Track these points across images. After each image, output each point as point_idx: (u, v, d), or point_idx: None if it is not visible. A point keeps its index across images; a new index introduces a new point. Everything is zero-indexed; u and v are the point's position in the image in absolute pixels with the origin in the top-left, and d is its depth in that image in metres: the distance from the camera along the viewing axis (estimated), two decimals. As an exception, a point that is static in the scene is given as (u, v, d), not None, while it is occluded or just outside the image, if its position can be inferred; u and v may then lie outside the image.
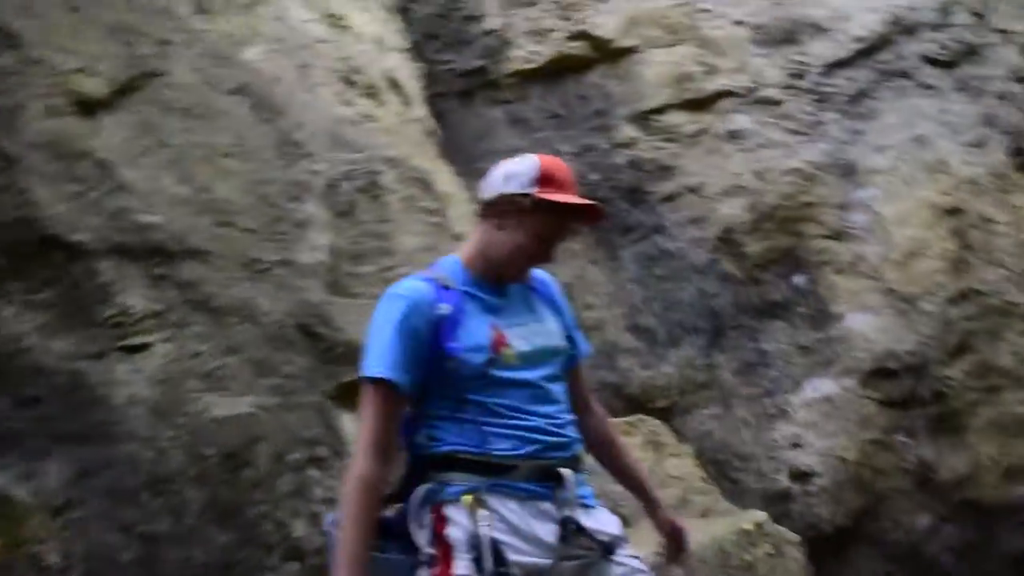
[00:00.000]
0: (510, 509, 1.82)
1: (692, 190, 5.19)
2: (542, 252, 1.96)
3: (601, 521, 1.93)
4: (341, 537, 1.76)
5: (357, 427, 1.84)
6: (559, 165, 2.01)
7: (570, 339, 2.09)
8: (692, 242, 5.13)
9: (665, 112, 5.32)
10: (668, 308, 5.11)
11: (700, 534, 4.16)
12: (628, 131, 5.31)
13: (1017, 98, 5.57)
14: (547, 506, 1.85)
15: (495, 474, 1.83)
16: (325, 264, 3.69)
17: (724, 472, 4.95)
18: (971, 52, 5.52)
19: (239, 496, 3.04)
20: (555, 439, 1.90)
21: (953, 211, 5.27)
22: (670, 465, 4.78)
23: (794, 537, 4.64)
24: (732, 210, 5.15)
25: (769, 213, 5.14)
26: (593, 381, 5.01)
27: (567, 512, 1.84)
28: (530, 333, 1.96)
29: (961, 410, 5.04)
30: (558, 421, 1.94)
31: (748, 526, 4.31)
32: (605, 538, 1.89)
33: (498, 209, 1.93)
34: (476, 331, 1.89)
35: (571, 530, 1.84)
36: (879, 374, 5.01)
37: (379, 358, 1.84)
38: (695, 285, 5.11)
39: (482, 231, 1.98)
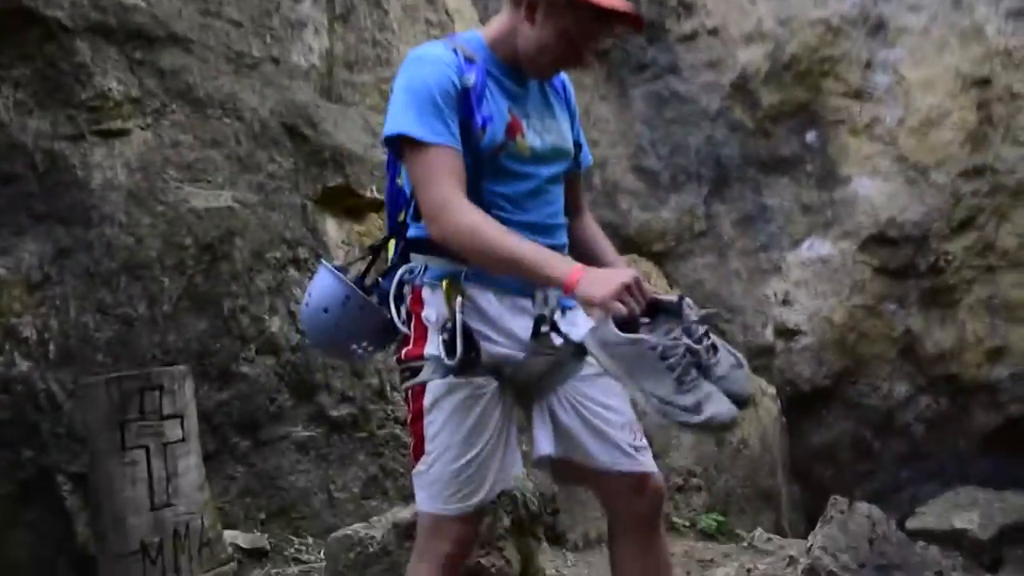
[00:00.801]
0: (487, 300, 1.80)
1: (712, 32, 4.97)
2: (571, 54, 1.83)
3: (576, 322, 1.93)
4: (517, 251, 1.67)
5: (419, 191, 1.75)
6: None
7: (576, 144, 2.04)
8: (705, 87, 4.96)
9: (695, -57, 5.03)
10: (674, 152, 5.00)
11: (679, 378, 4.25)
12: (652, -45, 5.04)
13: (1070, -33, 5.23)
14: (524, 302, 1.84)
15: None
16: (318, 68, 3.57)
17: (711, 321, 4.98)
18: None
19: (216, 288, 3.04)
20: (545, 239, 1.87)
21: (981, 82, 5.04)
22: (658, 311, 4.81)
23: (770, 390, 4.72)
24: (750, 57, 4.95)
25: (788, 64, 4.94)
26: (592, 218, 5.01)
27: (543, 310, 1.83)
28: (544, 129, 1.89)
29: (955, 286, 5.00)
30: (552, 223, 1.90)
31: (726, 374, 4.36)
32: (577, 337, 1.90)
33: (528, 1, 1.79)
34: (496, 111, 1.80)
35: (544, 328, 1.84)
36: (878, 240, 4.95)
37: (427, 122, 1.73)
38: (704, 131, 4.98)
39: (510, 18, 1.83)
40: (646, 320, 1.61)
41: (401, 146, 1.77)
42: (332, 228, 3.28)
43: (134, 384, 2.60)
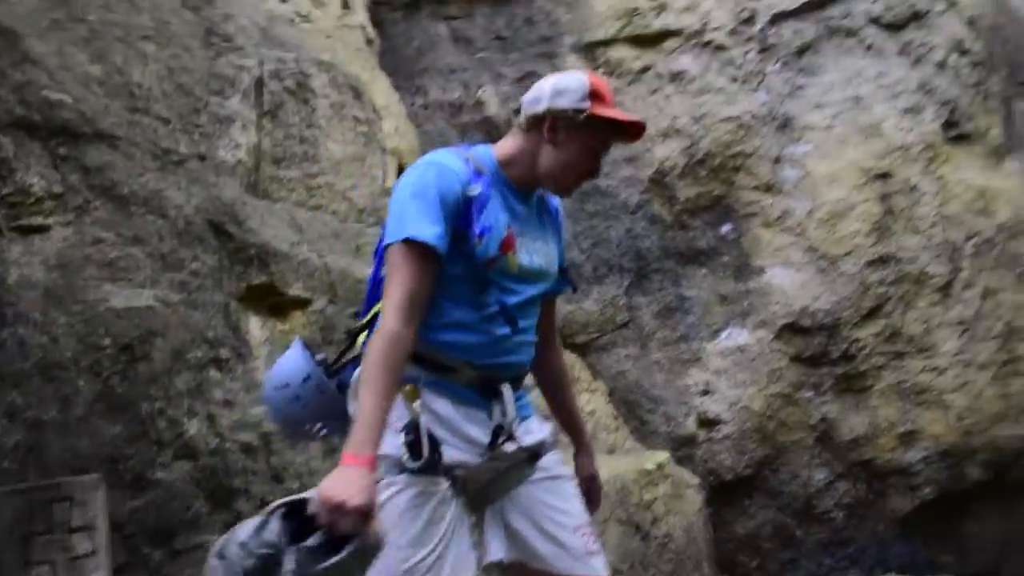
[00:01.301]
0: (444, 406, 1.83)
1: (631, 129, 5.15)
2: (591, 168, 1.95)
3: (531, 429, 1.95)
4: (362, 396, 1.70)
5: (388, 289, 1.76)
6: (604, 82, 1.99)
7: (561, 269, 2.09)
8: (625, 181, 5.10)
9: (611, 46, 5.24)
10: (596, 245, 5.10)
11: (604, 470, 4.20)
12: (572, 61, 5.22)
13: (956, 69, 5.62)
14: (480, 415, 1.85)
15: (438, 372, 1.83)
16: (245, 164, 3.55)
17: (634, 412, 5.01)
18: (916, 17, 5.52)
19: (133, 390, 2.94)
20: (510, 358, 1.90)
21: (882, 176, 5.33)
22: (583, 401, 4.81)
23: (694, 480, 4.74)
24: (667, 152, 5.13)
25: (703, 159, 5.14)
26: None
27: (501, 421, 1.84)
28: (535, 250, 1.96)
29: (866, 372, 5.17)
30: (522, 341, 1.94)
31: (651, 466, 4.38)
32: (532, 444, 1.90)
33: (550, 123, 1.89)
34: (495, 224, 1.87)
35: (500, 437, 1.85)
36: (793, 330, 5.10)
37: (418, 221, 1.78)
38: (624, 224, 5.10)
39: (527, 142, 1.94)
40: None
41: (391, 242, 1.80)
42: (255, 327, 3.22)
43: (42, 495, 2.48)
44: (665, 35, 5.27)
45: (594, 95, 1.89)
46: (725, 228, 5.17)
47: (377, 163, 4.06)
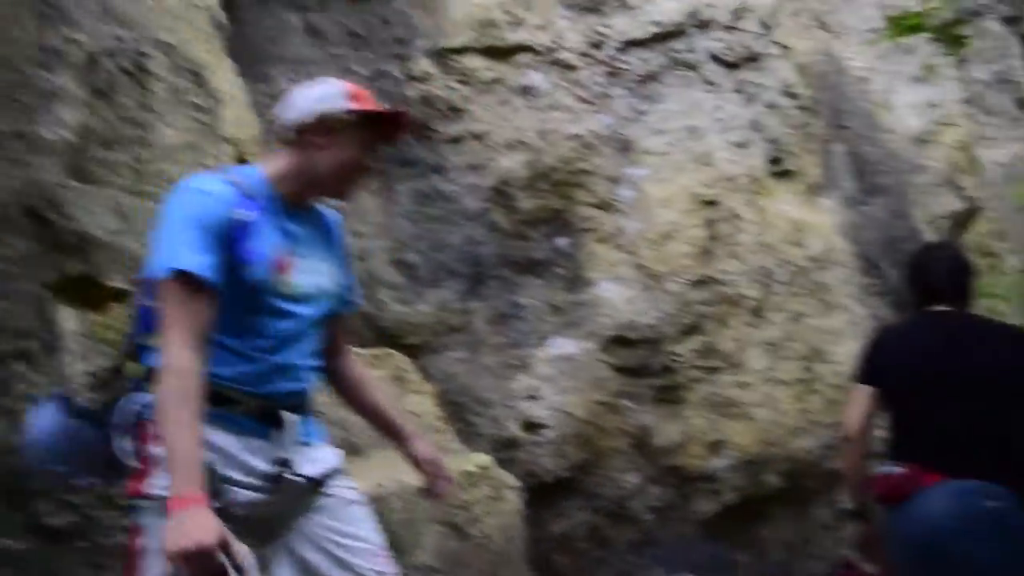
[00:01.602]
0: (223, 439, 1.80)
1: (477, 137, 5.23)
2: (366, 166, 1.97)
3: (317, 457, 1.94)
4: (168, 437, 1.64)
5: (168, 324, 1.70)
6: (358, 87, 2.01)
7: (345, 287, 2.08)
8: (468, 188, 5.18)
9: (464, 54, 5.29)
10: (434, 248, 5.15)
11: (427, 472, 4.32)
12: (425, 65, 5.24)
13: (783, 110, 6.04)
14: (261, 443, 1.84)
15: (214, 403, 1.78)
16: (70, 144, 3.38)
17: (461, 415, 5.11)
18: (752, 59, 5.90)
19: (-74, 380, 2.76)
20: (289, 385, 1.88)
21: (710, 203, 5.67)
22: (410, 401, 4.86)
23: (514, 483, 4.88)
24: (511, 164, 5.24)
25: (545, 173, 5.29)
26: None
27: (281, 453, 1.83)
28: (313, 270, 1.94)
29: (682, 385, 5.48)
30: (304, 365, 1.93)
31: (472, 468, 4.47)
32: (317, 474, 1.91)
33: (319, 129, 1.89)
34: (267, 247, 1.84)
35: (283, 469, 1.84)
36: (618, 342, 5.34)
37: (188, 251, 1.73)
38: (464, 231, 5.17)
39: (295, 155, 1.92)
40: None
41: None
42: (68, 319, 3.08)
43: None
44: (518, 49, 5.37)
45: (352, 96, 1.93)
46: (561, 241, 5.35)
47: (214, 152, 3.94)
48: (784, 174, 6.07)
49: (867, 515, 2.83)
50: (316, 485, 1.90)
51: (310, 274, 1.92)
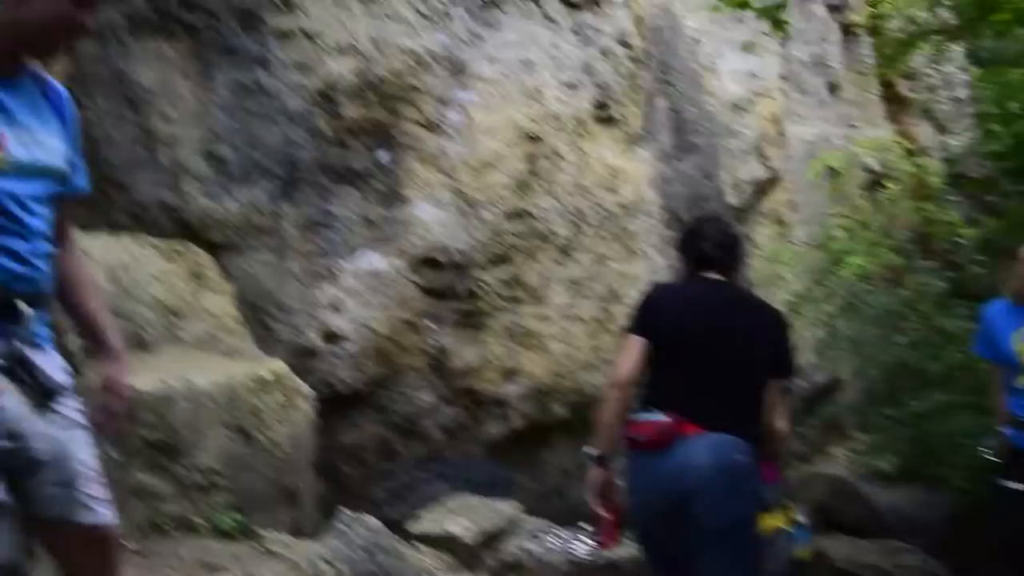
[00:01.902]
0: None
1: (308, 35, 5.01)
2: (80, 20, 1.75)
3: (49, 365, 1.81)
4: None
5: None
6: None
7: (72, 166, 1.90)
8: (292, 87, 4.98)
9: (308, -54, 5.05)
10: (249, 144, 4.94)
11: (216, 374, 4.21)
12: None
13: (616, 58, 6.19)
14: None
15: None
16: None
17: (260, 318, 5.00)
18: (595, 2, 5.99)
19: None
20: (22, 269, 1.74)
21: (534, 138, 5.76)
22: (207, 300, 4.71)
23: (308, 391, 4.86)
24: (340, 69, 5.08)
25: (374, 84, 5.17)
26: (151, 197, 4.75)
27: (16, 345, 1.70)
28: (32, 142, 1.75)
29: (485, 312, 5.62)
30: (33, 249, 1.76)
31: (266, 374, 4.41)
32: (48, 382, 1.77)
33: None
34: None
35: (16, 363, 1.71)
36: (427, 263, 5.38)
37: None
38: (282, 130, 4.99)
39: None
40: None
41: None
42: None
43: None
44: (364, -50, 5.18)
45: None
46: (383, 155, 5.27)
47: None
48: (608, 120, 6.25)
49: (609, 461, 2.96)
50: (44, 395, 1.76)
51: (30, 147, 1.74)
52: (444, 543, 3.84)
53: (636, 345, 2.93)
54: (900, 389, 6.90)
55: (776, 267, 8.18)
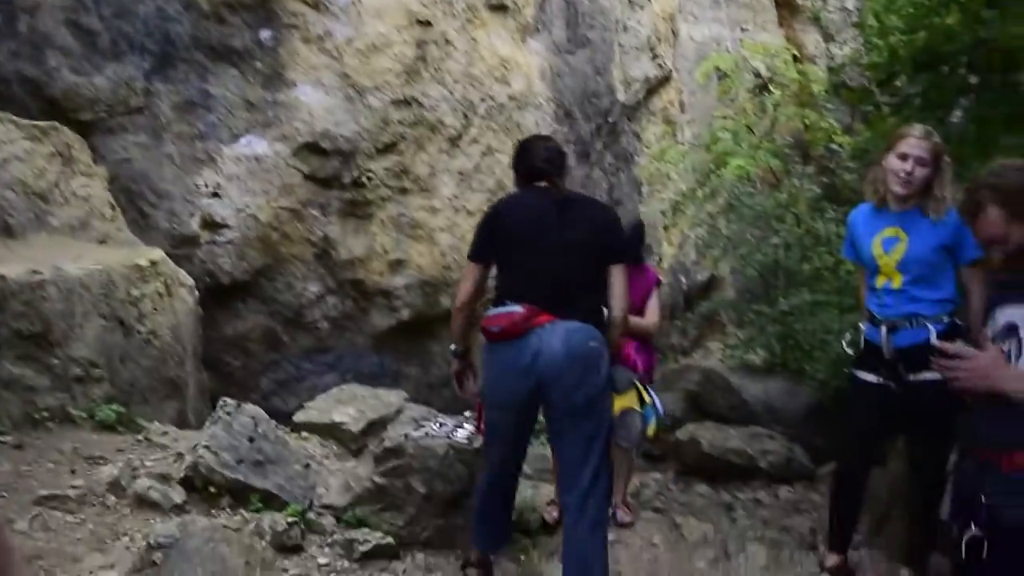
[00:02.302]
0: None
1: None
2: None
3: None
4: None
5: None
6: None
7: None
8: (164, -47, 4.65)
9: None
10: (118, 15, 4.61)
11: (90, 261, 4.01)
12: None
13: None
14: None
15: None
16: None
17: (135, 204, 4.78)
18: None
19: None
20: None
21: (424, 23, 5.57)
22: (77, 184, 4.45)
23: (188, 281, 4.71)
24: (217, -64, 4.77)
25: (254, -46, 4.88)
26: (10, 70, 4.39)
27: None
28: None
29: (372, 202, 5.52)
30: None
31: (143, 261, 4.23)
32: None
33: None
34: None
35: None
36: (312, 149, 5.22)
37: None
38: (156, 2, 4.67)
39: None
40: None
41: None
42: None
43: None
44: None
45: None
46: (264, 33, 5.02)
47: None
48: (500, 8, 6.10)
49: (466, 354, 3.29)
50: None
51: None
52: (329, 431, 3.83)
53: (473, 271, 3.20)
54: (773, 287, 7.22)
55: (663, 166, 8.31)
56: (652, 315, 4.15)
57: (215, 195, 4.98)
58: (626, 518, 4.14)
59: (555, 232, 3.09)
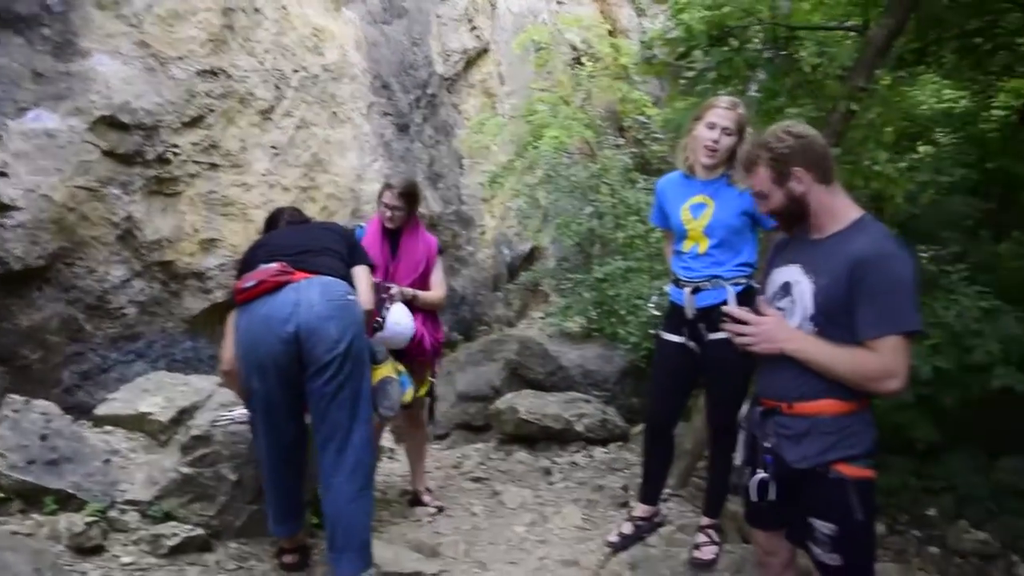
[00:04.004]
0: None
1: None
2: None
3: None
4: None
5: None
6: None
7: None
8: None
9: None
10: None
11: None
12: None
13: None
14: None
15: None
16: None
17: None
18: None
19: None
20: None
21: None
22: None
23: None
24: None
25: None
26: None
27: None
28: None
29: (179, 178, 5.27)
30: None
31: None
32: None
33: None
34: None
35: None
36: (110, 123, 4.91)
37: None
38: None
39: None
40: None
41: None
42: None
43: None
44: None
45: None
46: (52, -1, 4.66)
47: None
48: (312, -25, 5.94)
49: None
50: None
51: None
52: (137, 423, 3.67)
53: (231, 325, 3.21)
54: (589, 256, 7.48)
55: (483, 138, 8.39)
56: (438, 288, 4.14)
57: (2, 175, 4.60)
58: (435, 502, 4.21)
59: (302, 237, 3.34)
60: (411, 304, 3.99)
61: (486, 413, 5.72)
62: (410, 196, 4.10)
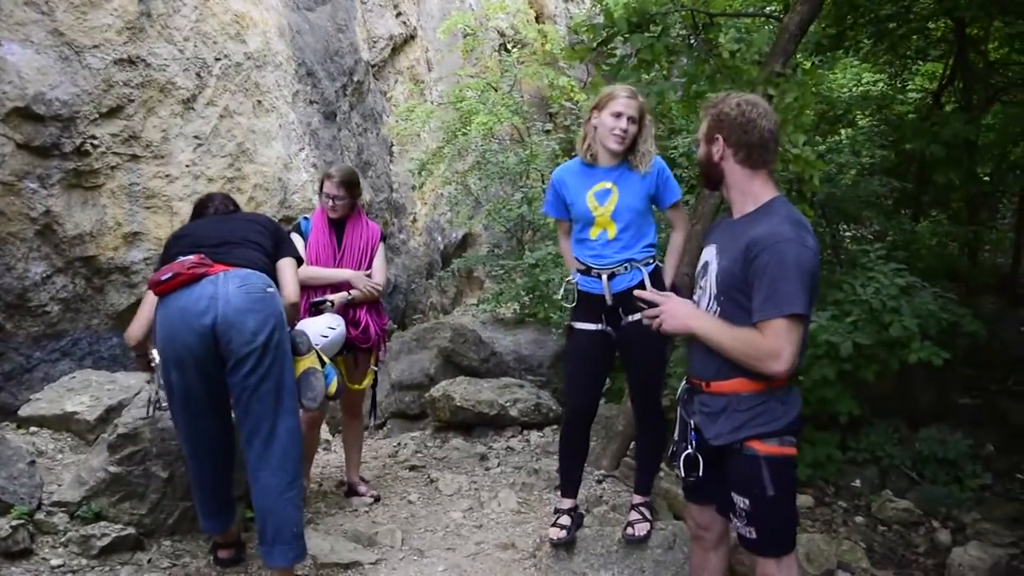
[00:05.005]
0: None
1: None
2: None
3: None
4: None
5: None
6: None
7: None
8: None
9: None
10: None
11: None
12: None
13: None
14: None
15: None
16: None
17: None
18: None
19: None
20: None
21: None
22: None
23: None
24: None
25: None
26: None
27: None
28: None
29: (99, 171, 5.13)
30: None
31: None
32: None
33: None
34: None
35: None
36: (24, 115, 4.75)
37: None
38: None
39: None
40: None
41: None
42: None
43: None
44: None
45: None
46: (-46, -15, 4.48)
47: None
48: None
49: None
50: None
51: None
52: (63, 423, 3.59)
53: (150, 304, 3.12)
54: (520, 241, 7.52)
55: (411, 125, 8.35)
56: (379, 275, 4.14)
57: (-95, 169, 4.43)
58: (371, 492, 4.22)
59: (224, 227, 3.30)
60: (351, 301, 4.01)
61: (421, 401, 5.73)
62: (350, 184, 4.09)
